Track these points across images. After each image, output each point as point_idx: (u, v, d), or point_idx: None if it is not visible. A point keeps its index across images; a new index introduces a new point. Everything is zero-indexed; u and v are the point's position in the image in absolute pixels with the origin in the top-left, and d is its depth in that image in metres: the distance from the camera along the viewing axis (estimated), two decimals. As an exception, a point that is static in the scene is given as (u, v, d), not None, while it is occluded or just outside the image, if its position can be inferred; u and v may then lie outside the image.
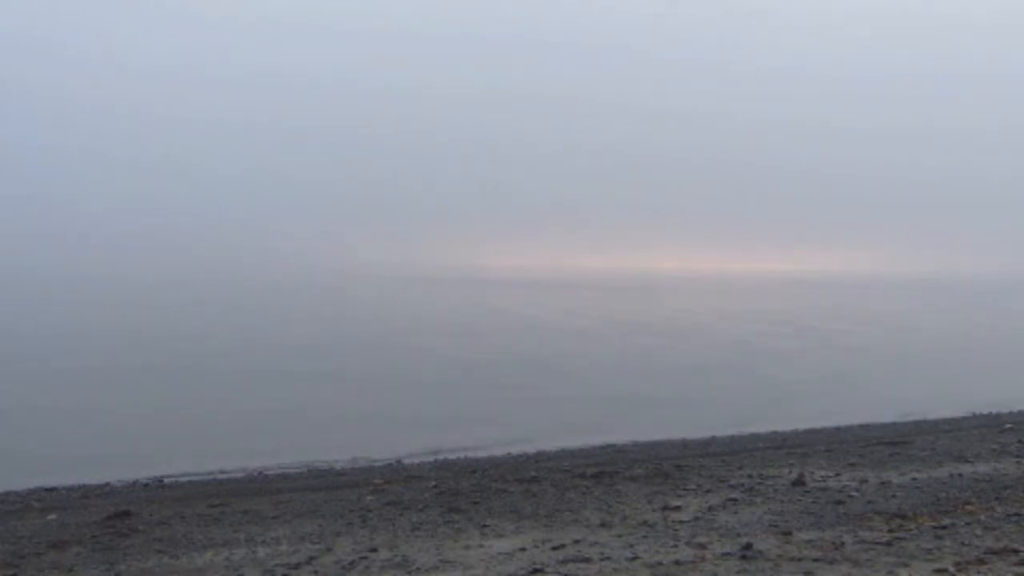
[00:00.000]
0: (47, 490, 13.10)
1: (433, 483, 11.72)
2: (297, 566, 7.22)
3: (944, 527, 7.40)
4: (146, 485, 13.57)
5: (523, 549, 7.37)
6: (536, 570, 6.52)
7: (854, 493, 9.64)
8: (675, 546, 7.19)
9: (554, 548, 7.33)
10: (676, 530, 7.92)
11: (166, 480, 14.02)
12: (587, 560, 6.76)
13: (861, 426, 18.55)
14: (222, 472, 14.70)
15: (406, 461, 15.27)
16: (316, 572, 7.02)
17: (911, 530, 7.39)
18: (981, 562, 6.09)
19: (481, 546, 7.63)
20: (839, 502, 9.11)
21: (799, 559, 6.42)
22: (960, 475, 10.70)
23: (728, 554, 6.70)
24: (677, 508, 9.09)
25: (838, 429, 18.12)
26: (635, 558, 6.76)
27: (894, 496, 9.41)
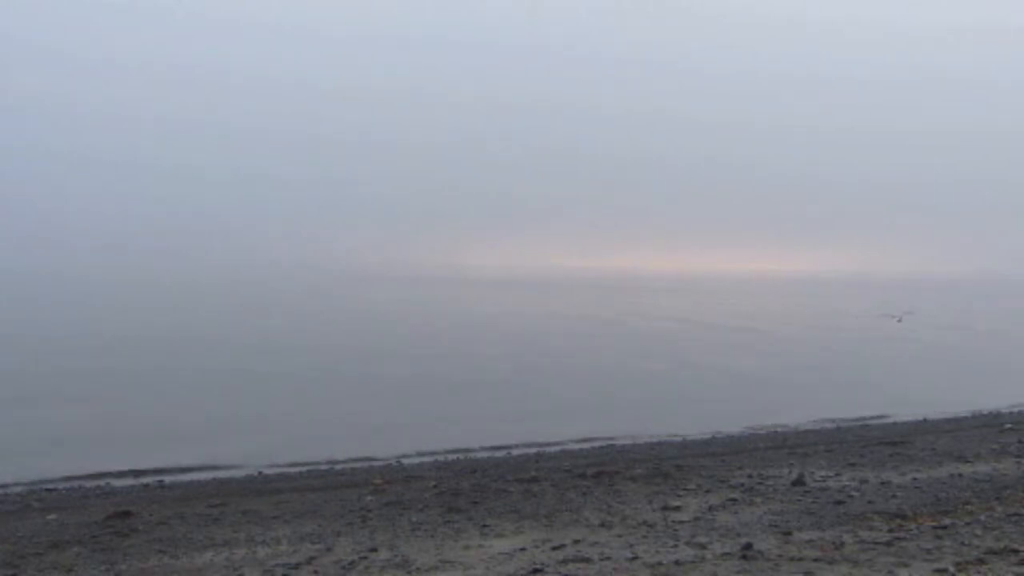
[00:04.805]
0: (47, 490, 13.11)
1: (433, 483, 11.72)
2: (297, 566, 7.21)
3: (944, 527, 7.39)
4: (146, 485, 13.57)
5: (523, 549, 7.37)
6: (536, 570, 6.51)
7: (854, 493, 9.64)
8: (675, 546, 7.18)
9: (554, 548, 7.32)
10: (676, 530, 7.92)
11: (166, 480, 14.02)
12: (587, 560, 6.76)
13: (861, 426, 18.56)
14: (222, 472, 14.71)
15: (406, 461, 15.27)
16: (316, 572, 7.01)
17: (911, 530, 7.38)
18: (981, 562, 6.08)
19: (481, 546, 7.62)
20: (839, 502, 9.10)
21: (799, 559, 6.41)
22: (960, 475, 10.69)
23: (728, 554, 6.70)
24: (677, 508, 9.08)
25: (838, 429, 18.13)
26: (635, 558, 6.75)
27: (894, 496, 9.41)
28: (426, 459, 15.53)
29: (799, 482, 10.42)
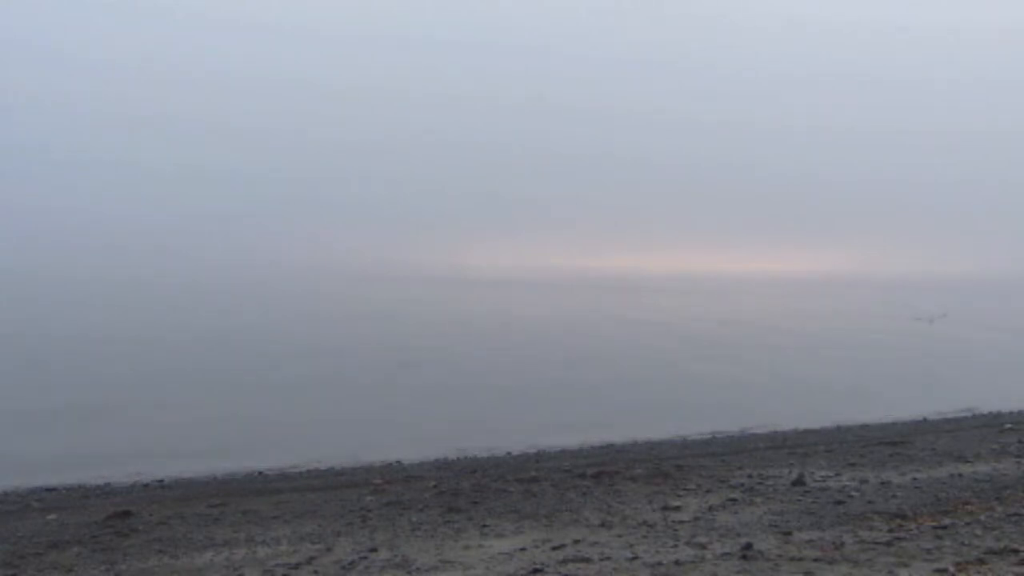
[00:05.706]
0: (47, 490, 13.11)
1: (433, 483, 11.72)
2: (297, 566, 7.22)
3: (944, 527, 7.39)
4: (146, 485, 13.57)
5: (523, 549, 7.37)
6: (536, 570, 6.52)
7: (854, 493, 9.64)
8: (675, 546, 7.18)
9: (554, 548, 7.32)
10: (676, 530, 7.92)
11: (166, 480, 14.01)
12: (587, 560, 6.76)
13: (861, 426, 18.54)
14: (222, 472, 14.70)
15: (406, 461, 15.26)
16: (316, 572, 7.01)
17: (911, 530, 7.38)
18: (981, 562, 6.08)
19: (481, 546, 7.62)
20: (839, 502, 9.10)
21: (799, 559, 6.41)
22: (960, 475, 10.69)
23: (728, 554, 6.70)
24: (677, 508, 9.09)
25: (838, 429, 18.12)
26: (635, 558, 6.75)
27: (894, 496, 9.40)
28: (426, 459, 15.52)
29: (799, 482, 10.42)
